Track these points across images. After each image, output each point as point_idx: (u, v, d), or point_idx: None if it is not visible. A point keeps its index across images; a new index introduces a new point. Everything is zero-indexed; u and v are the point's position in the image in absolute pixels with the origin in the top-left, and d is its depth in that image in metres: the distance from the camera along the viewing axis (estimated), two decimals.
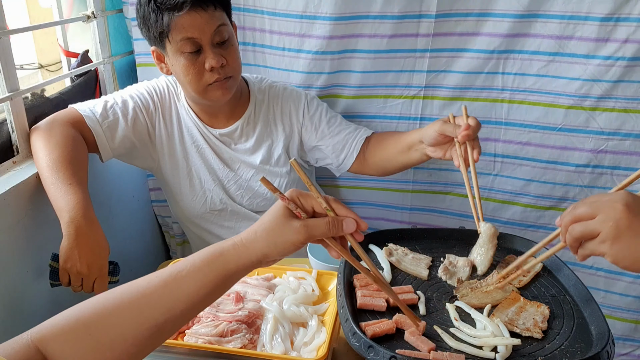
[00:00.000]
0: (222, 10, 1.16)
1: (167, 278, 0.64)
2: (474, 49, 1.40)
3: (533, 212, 1.53)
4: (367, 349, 0.73)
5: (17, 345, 0.59)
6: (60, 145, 1.11)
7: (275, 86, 1.37)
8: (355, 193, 1.66)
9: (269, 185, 0.66)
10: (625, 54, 1.31)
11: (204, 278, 0.64)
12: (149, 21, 1.14)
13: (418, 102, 1.49)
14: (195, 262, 0.65)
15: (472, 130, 1.04)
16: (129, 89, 1.31)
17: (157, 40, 1.16)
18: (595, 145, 1.41)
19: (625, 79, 1.33)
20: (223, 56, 1.16)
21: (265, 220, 0.67)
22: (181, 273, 0.64)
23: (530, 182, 1.50)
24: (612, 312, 1.52)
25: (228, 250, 0.66)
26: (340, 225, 0.68)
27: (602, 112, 1.38)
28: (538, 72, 1.39)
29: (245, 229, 0.69)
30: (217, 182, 1.33)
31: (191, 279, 0.64)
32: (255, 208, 1.35)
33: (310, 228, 0.66)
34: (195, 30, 1.11)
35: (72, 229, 0.97)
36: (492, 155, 1.51)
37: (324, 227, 0.67)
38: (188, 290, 0.64)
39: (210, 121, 1.31)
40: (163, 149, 1.32)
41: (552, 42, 1.35)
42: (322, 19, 1.42)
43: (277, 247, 0.66)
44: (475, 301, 0.86)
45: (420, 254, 0.99)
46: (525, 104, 1.43)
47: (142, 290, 0.63)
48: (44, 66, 3.32)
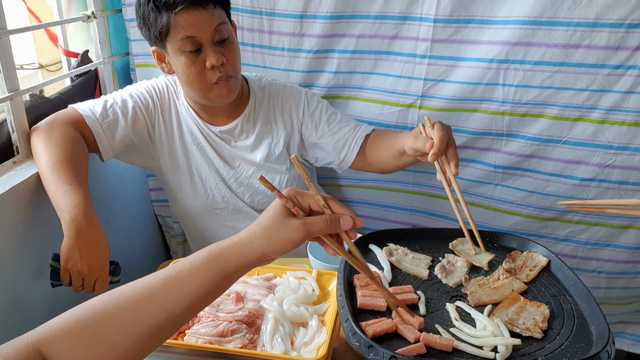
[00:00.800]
0: (222, 8, 1.16)
1: (167, 278, 0.64)
2: (473, 58, 1.34)
3: (535, 222, 1.48)
4: (367, 349, 0.73)
5: (17, 347, 0.59)
6: (60, 145, 1.11)
7: (275, 84, 1.37)
8: (356, 192, 1.66)
9: (267, 184, 0.66)
10: (637, 63, 1.23)
11: (204, 277, 0.65)
12: (148, 21, 1.14)
13: (414, 111, 1.45)
14: (195, 262, 0.65)
15: (437, 148, 1.01)
16: (128, 89, 1.31)
17: (158, 40, 1.16)
18: (602, 160, 1.34)
19: (636, 90, 1.25)
20: (223, 54, 1.16)
21: (264, 219, 0.68)
22: (181, 273, 0.64)
23: (532, 194, 1.44)
24: (612, 302, 1.51)
25: (227, 249, 0.66)
26: (337, 223, 0.69)
27: (611, 125, 1.30)
28: (542, 83, 1.31)
29: (245, 228, 0.69)
30: (219, 180, 1.33)
31: (191, 279, 0.64)
32: (256, 206, 1.35)
33: (308, 226, 0.67)
34: (194, 28, 1.11)
35: (73, 229, 0.97)
36: (493, 166, 1.45)
37: (322, 225, 0.68)
38: (188, 290, 0.64)
39: (210, 119, 1.31)
40: (163, 148, 1.32)
41: (558, 51, 1.27)
42: (322, 18, 1.41)
43: (276, 245, 0.67)
44: (485, 298, 0.87)
45: (420, 254, 0.99)
46: (528, 117, 1.36)
47: (142, 291, 0.63)
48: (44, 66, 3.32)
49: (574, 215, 1.44)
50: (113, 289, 0.65)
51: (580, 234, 1.45)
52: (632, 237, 1.41)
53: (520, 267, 0.95)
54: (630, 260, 1.44)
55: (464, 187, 1.52)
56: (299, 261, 1.16)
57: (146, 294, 0.63)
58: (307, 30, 1.44)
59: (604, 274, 1.49)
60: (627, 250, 1.43)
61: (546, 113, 1.35)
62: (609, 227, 1.41)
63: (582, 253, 1.47)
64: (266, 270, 1.03)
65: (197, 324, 0.87)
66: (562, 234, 1.47)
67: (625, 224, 1.39)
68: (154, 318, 0.62)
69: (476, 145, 1.45)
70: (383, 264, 0.96)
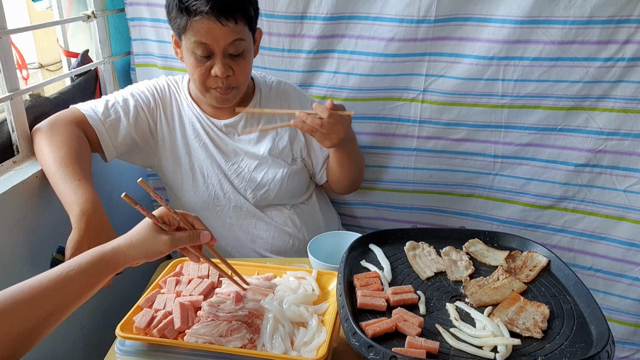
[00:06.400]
0: (245, 24, 1.16)
1: (57, 278, 0.74)
2: (473, 55, 1.39)
3: (532, 211, 1.53)
4: (367, 349, 0.73)
5: None
6: (66, 142, 1.11)
7: (285, 83, 1.40)
8: (356, 193, 1.66)
9: (132, 203, 0.80)
10: (625, 55, 1.31)
11: (89, 278, 0.77)
12: (171, 14, 1.16)
13: (417, 105, 1.49)
14: (82, 264, 0.77)
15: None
16: (129, 88, 1.31)
17: (176, 33, 1.19)
18: (594, 145, 1.41)
19: (624, 79, 1.33)
20: (232, 67, 1.17)
21: (139, 232, 0.83)
22: (70, 273, 0.75)
23: (529, 181, 1.50)
24: (611, 314, 1.52)
25: (109, 254, 0.80)
26: (198, 237, 0.86)
27: (601, 112, 1.38)
28: (539, 77, 1.38)
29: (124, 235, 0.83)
30: (222, 176, 1.33)
31: (79, 277, 0.76)
32: (258, 201, 1.35)
33: (175, 241, 0.83)
34: (209, 37, 1.13)
35: (84, 221, 0.99)
36: (492, 156, 1.50)
37: (186, 239, 0.85)
38: (77, 287, 0.76)
39: (214, 113, 1.32)
40: (165, 145, 1.32)
41: (554, 48, 1.34)
42: (321, 19, 1.42)
43: (148, 254, 0.82)
44: (485, 298, 0.87)
45: (441, 258, 0.99)
46: (525, 108, 1.43)
47: (36, 288, 0.72)
48: (44, 66, 3.32)
49: (570, 202, 1.49)
50: (7, 288, 0.71)
51: (576, 223, 1.50)
52: (625, 230, 1.45)
53: (520, 267, 0.95)
54: (626, 260, 1.46)
55: (464, 180, 1.55)
56: (299, 261, 1.16)
57: (40, 291, 0.72)
58: (306, 31, 1.45)
59: (601, 272, 1.51)
60: (621, 245, 1.46)
61: (542, 104, 1.41)
62: (604, 217, 1.47)
63: (579, 246, 1.51)
64: (266, 270, 1.03)
65: (197, 324, 0.87)
66: (559, 224, 1.52)
67: (619, 215, 1.45)
68: (47, 311, 0.72)
69: (476, 137, 1.49)
70: (383, 263, 0.96)
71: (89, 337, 1.33)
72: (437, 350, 0.74)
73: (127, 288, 1.46)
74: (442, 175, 1.56)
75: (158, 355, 0.83)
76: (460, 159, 1.53)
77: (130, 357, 0.83)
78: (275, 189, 1.33)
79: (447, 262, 0.96)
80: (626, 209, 1.43)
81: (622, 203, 1.43)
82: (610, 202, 1.44)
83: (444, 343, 0.77)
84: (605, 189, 1.44)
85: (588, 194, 1.46)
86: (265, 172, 1.33)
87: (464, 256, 0.99)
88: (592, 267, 1.51)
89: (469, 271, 0.94)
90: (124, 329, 0.85)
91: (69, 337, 1.25)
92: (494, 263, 0.97)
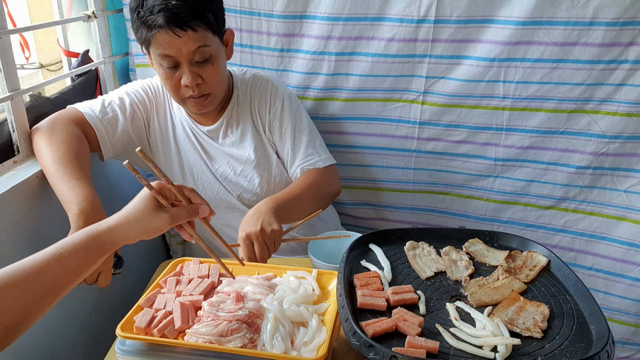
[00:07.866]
0: (206, 29, 1.13)
1: (50, 258, 0.72)
2: (474, 57, 1.39)
3: (533, 211, 1.53)
4: (368, 348, 0.73)
5: None
6: (65, 141, 1.12)
7: (259, 76, 1.34)
8: (355, 193, 1.66)
9: (133, 171, 0.77)
10: (629, 57, 1.29)
11: (84, 258, 0.74)
12: (134, 26, 1.16)
13: (417, 106, 1.48)
14: (75, 244, 0.74)
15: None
16: (124, 88, 1.33)
17: (142, 45, 1.18)
18: (596, 148, 1.40)
19: (628, 82, 1.32)
20: (200, 74, 1.16)
21: (136, 209, 0.79)
22: (63, 254, 0.73)
23: (531, 183, 1.50)
24: (612, 314, 1.52)
25: (104, 233, 0.76)
26: (197, 211, 0.83)
27: (604, 116, 1.37)
28: (541, 79, 1.37)
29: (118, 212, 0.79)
30: (212, 178, 1.34)
31: (72, 257, 0.73)
32: (247, 203, 1.35)
33: (174, 217, 0.80)
34: (172, 49, 1.12)
35: (82, 220, 0.98)
36: (493, 159, 1.50)
37: (185, 214, 0.82)
38: (71, 268, 0.73)
39: (198, 119, 1.33)
40: (157, 145, 1.34)
41: (556, 49, 1.33)
42: (320, 19, 1.42)
43: (146, 231, 0.79)
44: (485, 298, 0.87)
45: (441, 257, 0.99)
46: (527, 111, 1.42)
47: (29, 269, 0.70)
48: (44, 66, 3.32)
49: (570, 202, 1.49)
50: (2, 268, 0.70)
51: (576, 223, 1.50)
52: (626, 230, 1.45)
53: (520, 267, 0.95)
54: (626, 260, 1.46)
55: (464, 182, 1.54)
56: (299, 261, 1.16)
57: (33, 272, 0.70)
58: (305, 31, 1.45)
59: (601, 272, 1.50)
60: (622, 245, 1.46)
61: (544, 107, 1.40)
62: (604, 217, 1.46)
63: (579, 245, 1.51)
64: (266, 270, 1.03)
65: (198, 324, 0.87)
66: (559, 224, 1.52)
67: (620, 215, 1.44)
68: (38, 292, 0.70)
69: (476, 140, 1.49)
70: (383, 263, 0.96)
71: (89, 336, 1.33)
72: (437, 350, 0.74)
73: (127, 288, 1.46)
74: (442, 175, 1.56)
75: (158, 354, 0.83)
76: (460, 160, 1.53)
77: (130, 356, 0.83)
78: (262, 193, 1.32)
79: (447, 262, 0.96)
80: (627, 209, 1.43)
81: (622, 203, 1.43)
82: (611, 203, 1.44)
83: (444, 343, 0.77)
84: (606, 189, 1.44)
85: (589, 195, 1.46)
86: (251, 176, 1.32)
87: (464, 256, 0.99)
88: (593, 267, 1.51)
89: (468, 271, 0.95)
90: (125, 328, 0.84)
91: (69, 336, 1.25)
92: (494, 263, 0.97)
